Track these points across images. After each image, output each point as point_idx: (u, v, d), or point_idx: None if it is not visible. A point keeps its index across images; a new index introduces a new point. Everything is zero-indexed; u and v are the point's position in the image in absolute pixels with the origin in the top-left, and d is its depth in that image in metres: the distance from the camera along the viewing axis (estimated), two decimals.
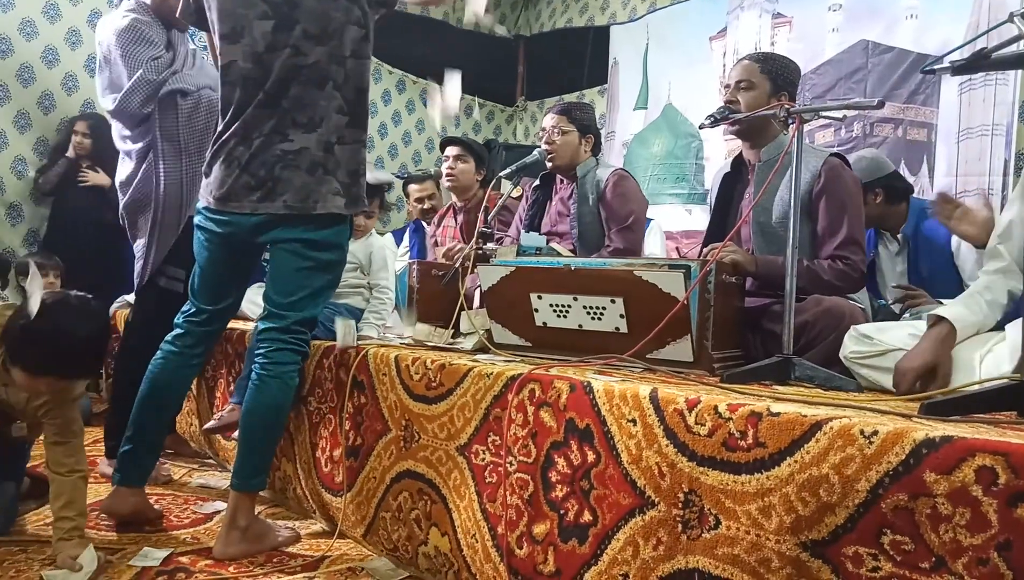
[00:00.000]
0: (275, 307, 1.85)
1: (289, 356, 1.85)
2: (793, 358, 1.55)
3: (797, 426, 1.05)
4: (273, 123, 1.78)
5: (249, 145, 1.79)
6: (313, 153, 1.79)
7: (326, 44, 1.78)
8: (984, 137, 3.33)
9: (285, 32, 1.76)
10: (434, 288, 2.45)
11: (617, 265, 1.72)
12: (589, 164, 2.65)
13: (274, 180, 1.78)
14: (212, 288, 1.95)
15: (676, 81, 4.83)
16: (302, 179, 1.78)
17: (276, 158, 1.78)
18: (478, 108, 6.15)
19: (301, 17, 1.76)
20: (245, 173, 1.79)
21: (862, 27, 3.83)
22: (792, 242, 1.60)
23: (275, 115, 1.78)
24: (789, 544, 1.03)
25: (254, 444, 1.84)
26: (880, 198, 2.58)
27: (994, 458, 0.86)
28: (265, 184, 1.78)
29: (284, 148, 1.78)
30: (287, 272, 1.84)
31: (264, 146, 1.78)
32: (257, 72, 1.78)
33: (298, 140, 1.78)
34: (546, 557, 1.39)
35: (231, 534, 1.79)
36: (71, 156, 3.83)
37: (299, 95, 1.78)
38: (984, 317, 1.50)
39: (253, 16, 1.76)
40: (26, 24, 3.93)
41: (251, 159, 1.79)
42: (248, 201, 1.80)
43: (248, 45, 1.78)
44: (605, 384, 1.34)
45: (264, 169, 1.78)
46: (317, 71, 1.78)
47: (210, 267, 1.93)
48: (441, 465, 1.66)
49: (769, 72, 2.04)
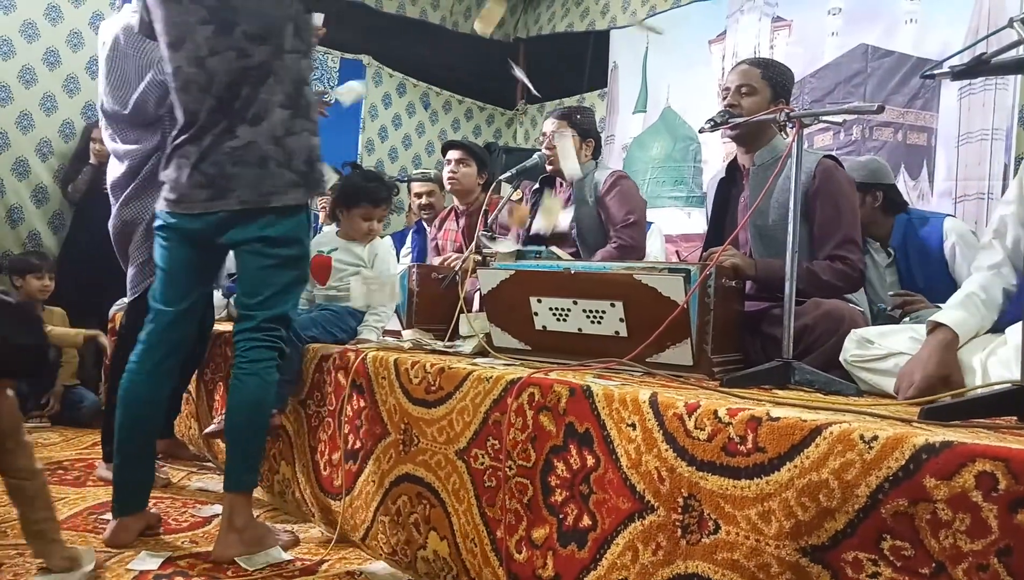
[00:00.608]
0: (245, 309, 1.88)
1: (264, 353, 1.86)
2: (793, 362, 1.55)
3: (797, 431, 1.05)
4: (221, 122, 1.81)
5: (199, 145, 1.82)
6: (262, 147, 1.80)
7: (268, 42, 1.80)
8: (984, 141, 3.33)
9: (226, 35, 1.78)
10: (434, 291, 2.45)
11: (617, 269, 1.72)
12: (588, 167, 2.66)
13: (225, 177, 1.79)
14: (173, 288, 1.92)
15: (675, 84, 4.84)
16: (253, 173, 1.80)
17: (225, 155, 1.80)
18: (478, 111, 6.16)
19: (241, 19, 1.78)
20: (196, 172, 1.81)
21: (861, 31, 3.83)
22: (792, 246, 1.60)
23: (226, 116, 1.81)
24: (789, 549, 1.03)
25: (240, 443, 1.85)
26: (878, 202, 2.58)
27: (994, 463, 0.86)
28: (215, 182, 1.80)
29: (232, 145, 1.80)
30: (252, 272, 1.87)
31: (213, 145, 1.81)
32: (201, 76, 1.80)
33: (244, 135, 1.80)
34: (545, 562, 1.38)
35: (229, 536, 1.79)
36: (94, 163, 3.85)
37: (245, 94, 1.80)
38: (983, 318, 1.49)
39: (194, 22, 1.78)
40: (27, 26, 3.93)
41: (200, 159, 1.81)
42: (200, 201, 1.81)
43: (191, 51, 1.80)
44: (605, 388, 1.34)
45: (214, 167, 1.80)
46: (263, 69, 1.80)
47: (170, 267, 1.91)
48: (440, 469, 1.66)
49: (770, 79, 2.05)
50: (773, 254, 1.95)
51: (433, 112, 5.89)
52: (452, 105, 6.01)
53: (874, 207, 2.58)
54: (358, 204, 2.42)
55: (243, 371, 1.84)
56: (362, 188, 2.41)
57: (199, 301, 1.98)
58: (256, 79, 1.79)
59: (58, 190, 4.03)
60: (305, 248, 1.94)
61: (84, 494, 2.27)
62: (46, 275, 3.44)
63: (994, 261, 1.56)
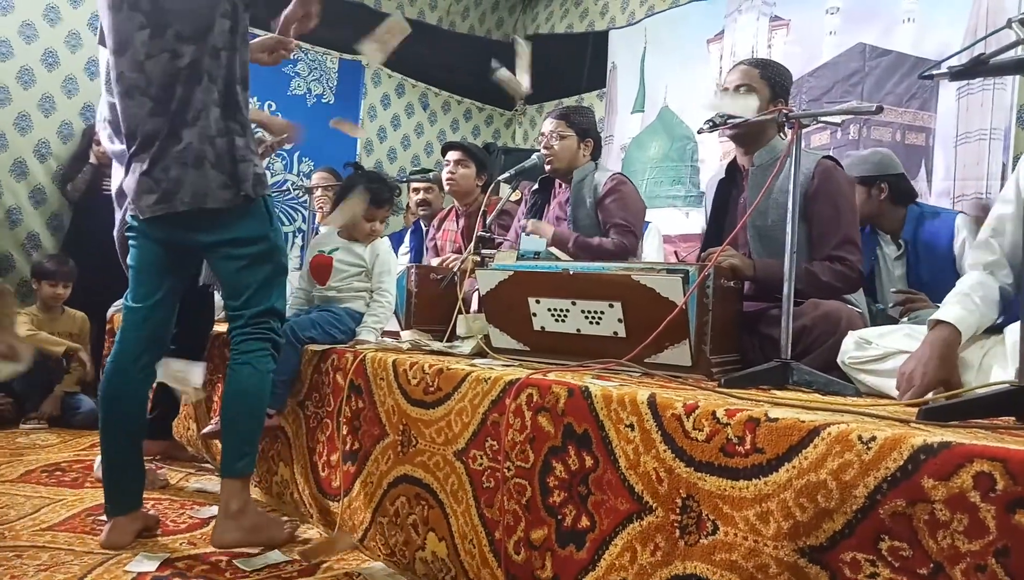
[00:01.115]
0: (232, 310, 1.93)
1: (254, 343, 1.90)
2: (791, 363, 1.55)
3: (795, 432, 1.05)
4: (168, 128, 1.83)
5: (149, 152, 1.84)
6: (196, 147, 1.83)
7: (198, 42, 1.82)
8: (982, 141, 3.33)
9: (159, 37, 1.81)
10: (432, 292, 2.45)
11: (615, 269, 1.71)
12: (587, 168, 2.65)
13: (170, 181, 1.82)
14: (142, 285, 1.94)
15: (673, 84, 4.84)
16: (192, 175, 1.82)
17: (172, 160, 1.83)
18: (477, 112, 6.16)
19: (172, 20, 1.81)
20: (146, 177, 1.84)
21: (860, 30, 3.83)
22: (791, 247, 1.60)
23: (167, 119, 1.83)
24: (787, 550, 1.03)
25: (233, 428, 1.89)
26: (884, 194, 2.57)
27: (992, 464, 0.86)
28: (162, 185, 1.83)
29: (177, 149, 1.83)
30: (228, 276, 1.93)
31: (161, 150, 1.84)
32: (141, 80, 1.83)
33: (184, 137, 1.83)
34: (544, 563, 1.38)
35: (225, 522, 1.83)
36: (94, 163, 3.85)
37: (184, 95, 1.82)
38: (982, 315, 1.48)
39: (133, 28, 1.81)
40: (26, 27, 3.93)
41: (151, 164, 1.84)
42: (149, 206, 1.84)
43: (131, 56, 1.83)
44: (603, 389, 1.34)
45: (163, 172, 1.83)
46: (194, 69, 1.82)
47: (139, 265, 1.95)
48: (439, 470, 1.66)
49: (769, 79, 2.05)
50: (772, 255, 1.95)
51: (432, 113, 5.89)
52: (451, 106, 6.01)
53: (881, 199, 2.57)
54: None
55: (236, 362, 1.90)
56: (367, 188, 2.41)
57: (169, 296, 1.98)
58: (188, 79, 1.82)
59: (56, 191, 4.03)
60: (272, 241, 1.95)
61: (82, 495, 2.27)
62: (60, 283, 3.51)
63: (990, 260, 1.55)
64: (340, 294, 2.40)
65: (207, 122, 1.83)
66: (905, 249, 2.57)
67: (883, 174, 2.57)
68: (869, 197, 2.58)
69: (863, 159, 2.67)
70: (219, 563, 1.77)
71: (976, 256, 1.59)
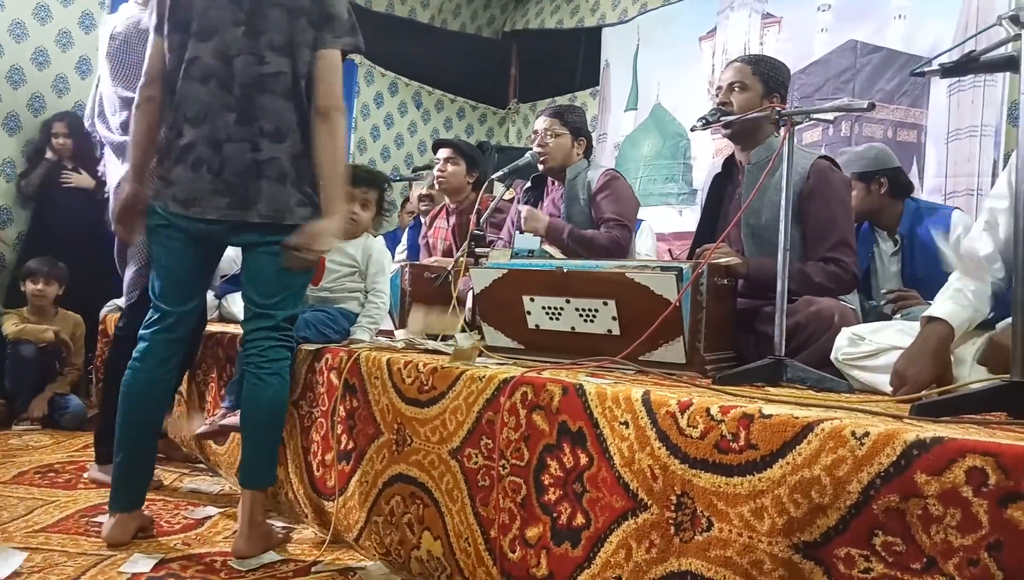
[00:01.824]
0: (261, 308, 1.89)
1: (282, 352, 1.91)
2: (785, 360, 1.56)
3: (789, 428, 1.05)
4: (242, 130, 1.81)
5: (219, 150, 1.81)
6: (283, 164, 1.82)
7: (288, 57, 1.82)
8: (973, 138, 3.34)
9: (253, 40, 1.80)
10: (427, 291, 2.44)
11: (609, 267, 1.72)
12: (580, 165, 2.66)
13: (247, 189, 1.80)
14: (179, 289, 1.91)
15: (665, 82, 4.85)
16: (273, 189, 1.81)
17: (249, 168, 1.80)
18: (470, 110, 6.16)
19: (268, 29, 1.81)
20: (218, 180, 1.81)
21: (851, 27, 3.84)
22: (783, 245, 1.60)
23: (243, 121, 1.81)
24: (781, 546, 1.03)
25: (262, 441, 1.89)
26: (884, 189, 2.56)
27: (984, 459, 0.86)
28: (237, 192, 1.81)
29: (256, 157, 1.81)
30: (268, 274, 1.88)
31: (236, 154, 1.80)
32: (225, 73, 1.81)
33: (267, 150, 1.81)
34: (539, 560, 1.38)
35: (252, 532, 1.83)
36: (52, 158, 3.81)
37: (266, 105, 1.81)
38: (974, 310, 1.48)
39: (228, 20, 1.80)
40: (16, 25, 3.91)
41: (222, 166, 1.81)
42: (216, 208, 1.81)
43: (218, 46, 1.81)
44: (598, 387, 1.34)
45: (237, 177, 1.81)
46: (280, 82, 1.81)
47: (175, 267, 1.89)
48: (434, 469, 1.66)
49: (761, 74, 2.05)
50: (765, 253, 1.95)
51: (425, 111, 5.88)
52: (444, 104, 6.01)
53: (881, 194, 2.56)
54: None
55: (265, 371, 1.86)
56: None
57: (203, 299, 2.00)
58: (272, 89, 1.81)
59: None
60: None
61: (75, 497, 2.26)
62: (41, 280, 3.48)
63: (983, 254, 1.55)
64: (333, 294, 2.40)
65: (295, 141, 1.83)
66: (901, 245, 2.56)
67: (881, 169, 2.56)
68: (868, 193, 2.57)
69: (859, 155, 2.66)
70: (214, 563, 1.77)
71: (971, 246, 1.58)
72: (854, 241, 2.00)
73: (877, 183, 2.56)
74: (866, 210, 2.59)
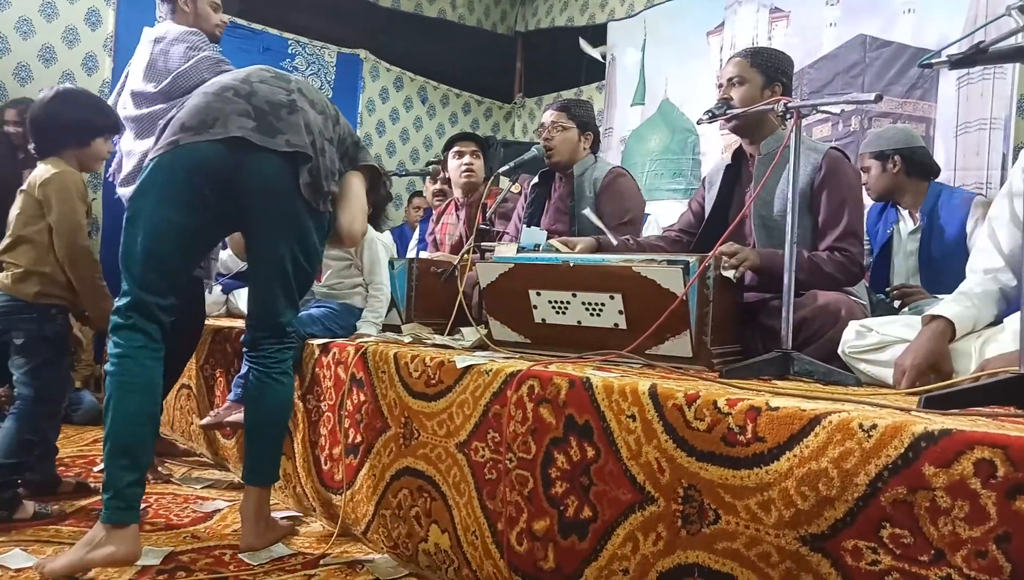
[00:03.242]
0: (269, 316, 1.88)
1: (289, 353, 1.92)
2: (792, 353, 1.55)
3: (796, 420, 1.05)
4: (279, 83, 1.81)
5: (249, 83, 1.79)
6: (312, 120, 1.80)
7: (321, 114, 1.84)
8: (982, 131, 3.32)
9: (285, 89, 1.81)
10: (433, 285, 2.45)
11: (615, 261, 1.72)
12: (587, 162, 2.65)
13: (278, 117, 1.77)
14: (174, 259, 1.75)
15: (673, 77, 4.83)
16: (303, 123, 1.79)
17: (281, 102, 1.77)
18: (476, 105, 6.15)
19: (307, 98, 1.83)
20: (247, 103, 1.76)
21: (860, 22, 3.82)
22: (791, 237, 1.60)
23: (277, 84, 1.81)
24: (788, 538, 1.03)
25: (269, 440, 1.90)
26: (898, 168, 2.60)
27: (993, 451, 0.86)
28: (266, 119, 1.76)
29: (291, 99, 1.79)
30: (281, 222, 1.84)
31: (269, 91, 1.79)
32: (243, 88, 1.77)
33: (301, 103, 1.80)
34: (546, 553, 1.39)
35: (259, 526, 1.84)
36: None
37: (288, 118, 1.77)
38: (979, 312, 1.49)
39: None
40: (23, 23, 3.92)
41: (251, 94, 1.77)
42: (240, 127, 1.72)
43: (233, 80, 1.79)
44: (604, 380, 1.34)
45: (268, 105, 1.77)
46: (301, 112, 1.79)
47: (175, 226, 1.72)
48: (441, 462, 1.66)
49: (759, 65, 2.05)
50: (776, 244, 1.95)
51: (431, 106, 5.88)
52: (450, 99, 6.00)
53: (895, 172, 2.61)
54: None
55: (275, 371, 1.87)
56: None
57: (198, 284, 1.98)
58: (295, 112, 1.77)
59: None
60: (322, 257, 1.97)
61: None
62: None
63: (990, 265, 1.54)
64: (334, 291, 2.41)
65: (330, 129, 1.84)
66: (921, 224, 2.60)
67: (895, 148, 2.61)
68: (884, 171, 2.63)
69: (878, 135, 2.74)
70: (223, 556, 1.78)
71: (976, 262, 1.58)
72: (862, 232, 2.00)
73: (892, 161, 2.61)
74: (884, 188, 2.65)
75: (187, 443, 2.90)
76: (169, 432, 3.00)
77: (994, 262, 1.54)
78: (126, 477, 1.61)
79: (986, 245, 1.56)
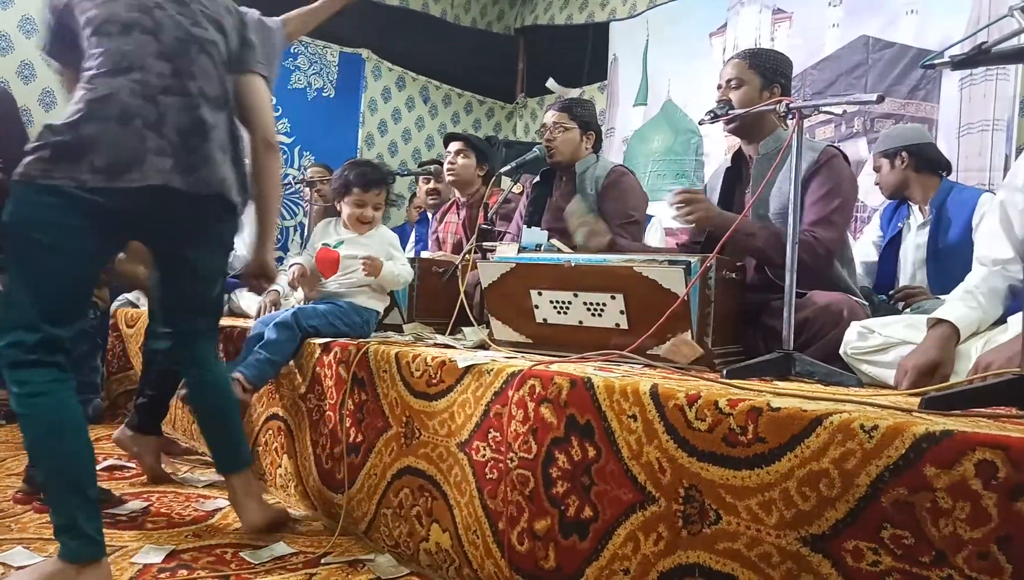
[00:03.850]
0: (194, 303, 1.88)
1: (213, 341, 2.00)
2: (793, 354, 1.56)
3: (797, 421, 1.05)
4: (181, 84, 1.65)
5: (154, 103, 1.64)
6: (223, 135, 1.73)
7: (222, 34, 1.75)
8: (985, 132, 3.32)
9: (184, 5, 1.68)
10: (435, 285, 2.45)
11: (617, 261, 1.72)
12: (588, 161, 2.65)
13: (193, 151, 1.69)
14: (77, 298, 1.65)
15: (676, 77, 4.83)
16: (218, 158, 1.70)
17: (194, 124, 1.66)
18: (478, 105, 6.15)
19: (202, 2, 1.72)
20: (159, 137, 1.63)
21: (862, 23, 3.82)
22: (791, 237, 1.60)
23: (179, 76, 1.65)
24: (789, 538, 1.03)
25: (230, 422, 1.94)
26: (906, 164, 2.66)
27: (994, 452, 0.86)
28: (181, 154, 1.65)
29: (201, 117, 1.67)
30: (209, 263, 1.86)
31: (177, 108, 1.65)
32: (147, 21, 1.62)
33: (207, 116, 1.68)
34: (547, 553, 1.39)
35: (252, 504, 1.88)
36: None
37: (204, 65, 1.68)
38: (984, 312, 1.48)
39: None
40: (26, 21, 3.93)
41: (161, 120, 1.62)
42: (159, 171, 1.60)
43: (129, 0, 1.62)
44: (605, 380, 1.34)
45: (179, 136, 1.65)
46: (216, 50, 1.73)
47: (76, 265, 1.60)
48: (442, 461, 1.66)
49: (757, 66, 2.05)
50: None
51: (433, 106, 5.88)
52: (452, 99, 6.00)
53: (903, 169, 2.67)
54: (350, 191, 2.39)
55: (211, 356, 1.92)
56: (352, 173, 2.39)
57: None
58: (209, 52, 1.68)
59: None
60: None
61: None
62: None
63: (1000, 256, 1.52)
64: (342, 289, 2.40)
65: (230, 114, 1.73)
66: (929, 218, 2.64)
67: (902, 145, 2.66)
68: (892, 168, 2.70)
69: (886, 135, 2.82)
70: (224, 554, 1.78)
71: (985, 252, 1.56)
72: (844, 225, 1.98)
73: (900, 158, 2.67)
74: (893, 184, 2.72)
75: (188, 442, 2.91)
76: (171, 431, 3.00)
77: (1004, 252, 1.51)
78: (84, 514, 1.50)
79: (997, 231, 1.53)
